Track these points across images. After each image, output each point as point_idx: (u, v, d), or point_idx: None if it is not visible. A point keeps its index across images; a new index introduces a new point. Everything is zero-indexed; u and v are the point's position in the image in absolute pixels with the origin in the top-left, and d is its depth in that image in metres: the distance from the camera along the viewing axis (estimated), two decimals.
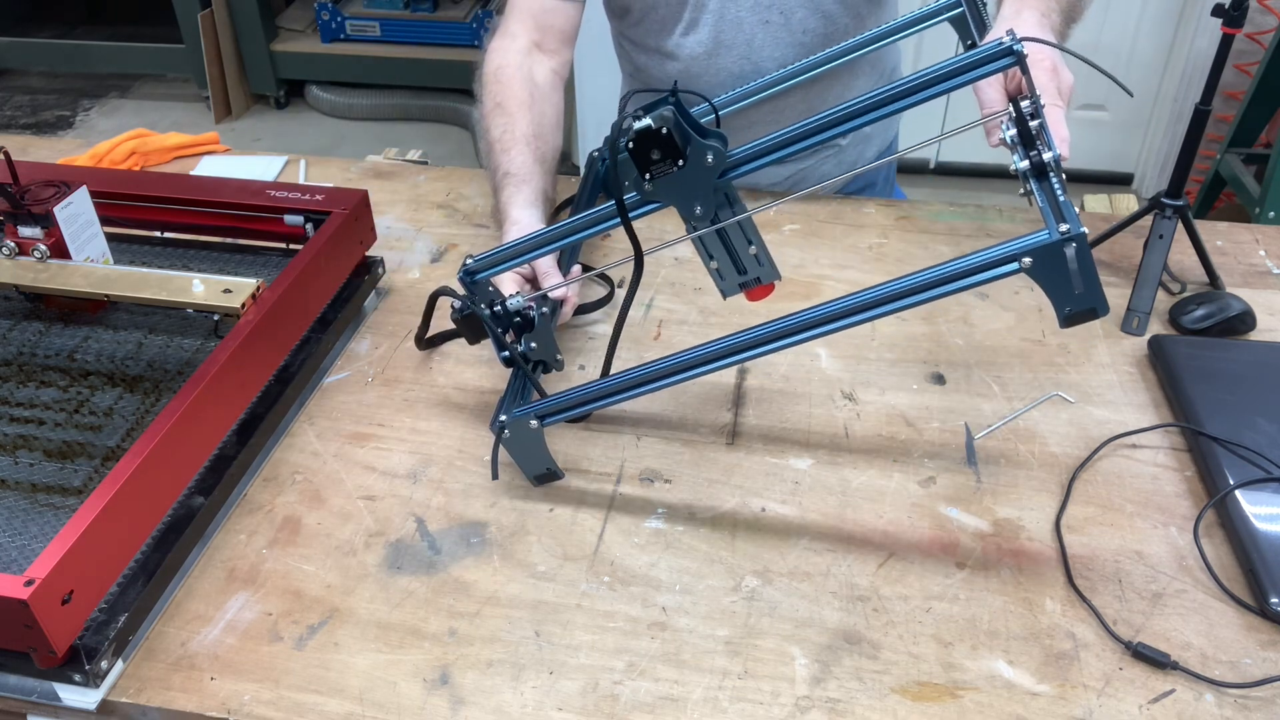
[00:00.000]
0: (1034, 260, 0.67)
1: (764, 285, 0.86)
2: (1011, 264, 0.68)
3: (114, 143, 1.38)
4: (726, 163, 0.78)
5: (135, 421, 0.87)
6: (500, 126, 1.10)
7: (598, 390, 0.82)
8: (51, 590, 0.66)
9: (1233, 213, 2.58)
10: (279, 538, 0.84)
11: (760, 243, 0.84)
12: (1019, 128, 0.73)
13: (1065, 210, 0.67)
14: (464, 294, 0.89)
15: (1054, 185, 0.70)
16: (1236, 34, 1.00)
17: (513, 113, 1.10)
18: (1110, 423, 0.92)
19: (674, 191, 0.79)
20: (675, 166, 0.77)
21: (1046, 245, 0.67)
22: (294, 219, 1.07)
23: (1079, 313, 0.69)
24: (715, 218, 0.81)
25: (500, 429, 0.84)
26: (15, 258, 0.96)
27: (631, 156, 0.77)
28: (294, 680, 0.73)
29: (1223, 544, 0.81)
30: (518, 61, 1.14)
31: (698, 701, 0.71)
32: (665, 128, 0.75)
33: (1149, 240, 1.05)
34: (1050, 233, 0.66)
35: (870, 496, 0.86)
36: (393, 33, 3.50)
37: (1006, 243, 0.68)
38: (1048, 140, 0.72)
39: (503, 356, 0.89)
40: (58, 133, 3.61)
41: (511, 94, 1.11)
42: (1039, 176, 0.72)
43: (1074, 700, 0.70)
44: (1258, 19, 2.53)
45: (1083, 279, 0.67)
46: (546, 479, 0.88)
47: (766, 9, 1.15)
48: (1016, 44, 0.71)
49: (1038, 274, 0.68)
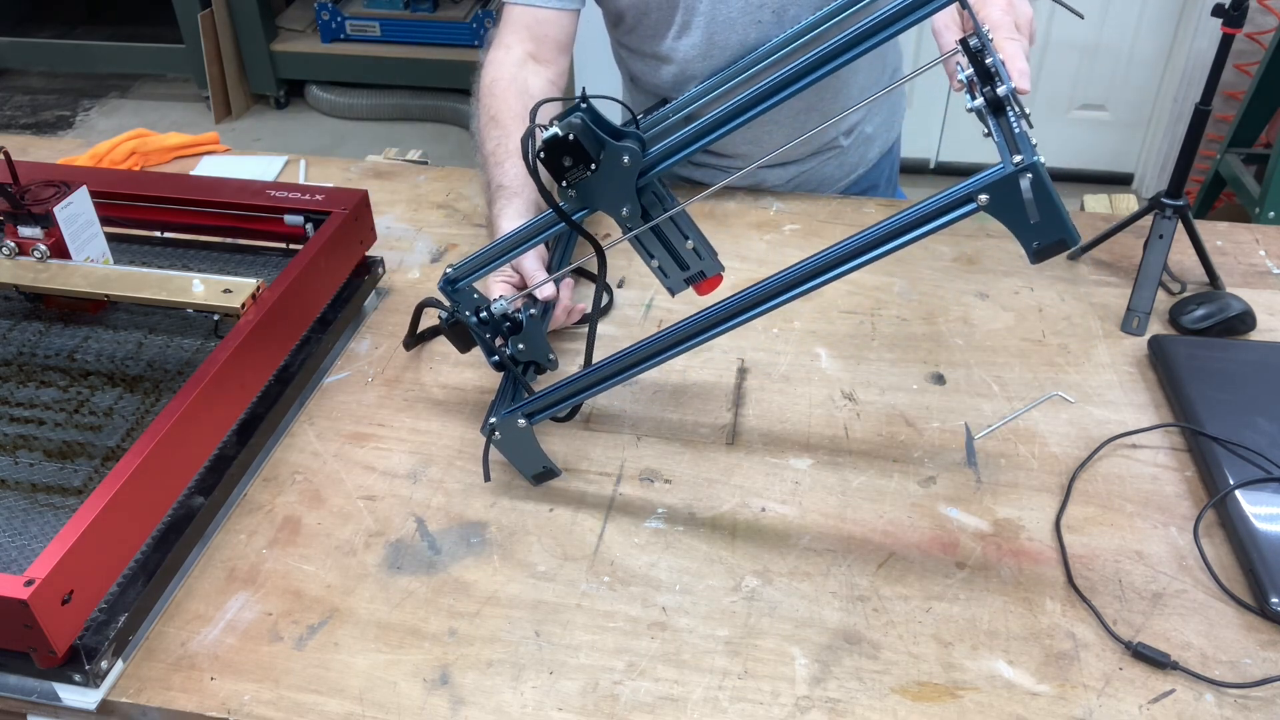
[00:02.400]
0: (990, 196, 0.64)
1: (710, 278, 0.85)
2: (969, 204, 0.65)
3: (114, 143, 1.38)
4: (644, 162, 0.79)
5: (135, 421, 0.87)
6: (494, 140, 1.10)
7: (582, 381, 0.81)
8: (51, 590, 0.66)
9: (1233, 213, 2.58)
10: (279, 538, 0.84)
11: (698, 236, 0.83)
12: (975, 66, 0.71)
13: (1020, 142, 0.64)
14: (450, 304, 0.89)
15: (1010, 119, 0.67)
16: (1236, 34, 1.00)
17: (506, 125, 1.11)
18: (1110, 423, 0.92)
19: (596, 196, 0.80)
20: (588, 171, 0.78)
21: (1002, 178, 0.63)
22: (294, 219, 1.07)
23: (1047, 246, 0.65)
24: (647, 216, 0.81)
25: (490, 431, 0.84)
26: (15, 258, 0.96)
27: (546, 166, 0.78)
28: (294, 680, 0.73)
29: (1223, 544, 0.81)
30: (511, 74, 1.14)
31: (698, 701, 0.71)
32: (571, 134, 0.76)
33: (1149, 240, 1.05)
34: (1004, 165, 0.63)
35: (870, 496, 0.86)
36: (393, 33, 3.50)
37: (962, 183, 0.65)
38: (1002, 76, 0.69)
39: (492, 361, 0.89)
40: (58, 133, 3.61)
41: (505, 107, 1.12)
42: (995, 112, 0.69)
43: (1074, 700, 0.70)
44: (1258, 19, 2.53)
45: (1039, 209, 0.64)
46: (544, 477, 0.88)
47: (757, 8, 1.16)
48: None
49: (997, 210, 0.65)
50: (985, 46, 0.70)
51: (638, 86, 1.31)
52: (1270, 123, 2.48)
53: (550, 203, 0.80)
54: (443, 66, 3.42)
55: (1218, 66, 1.03)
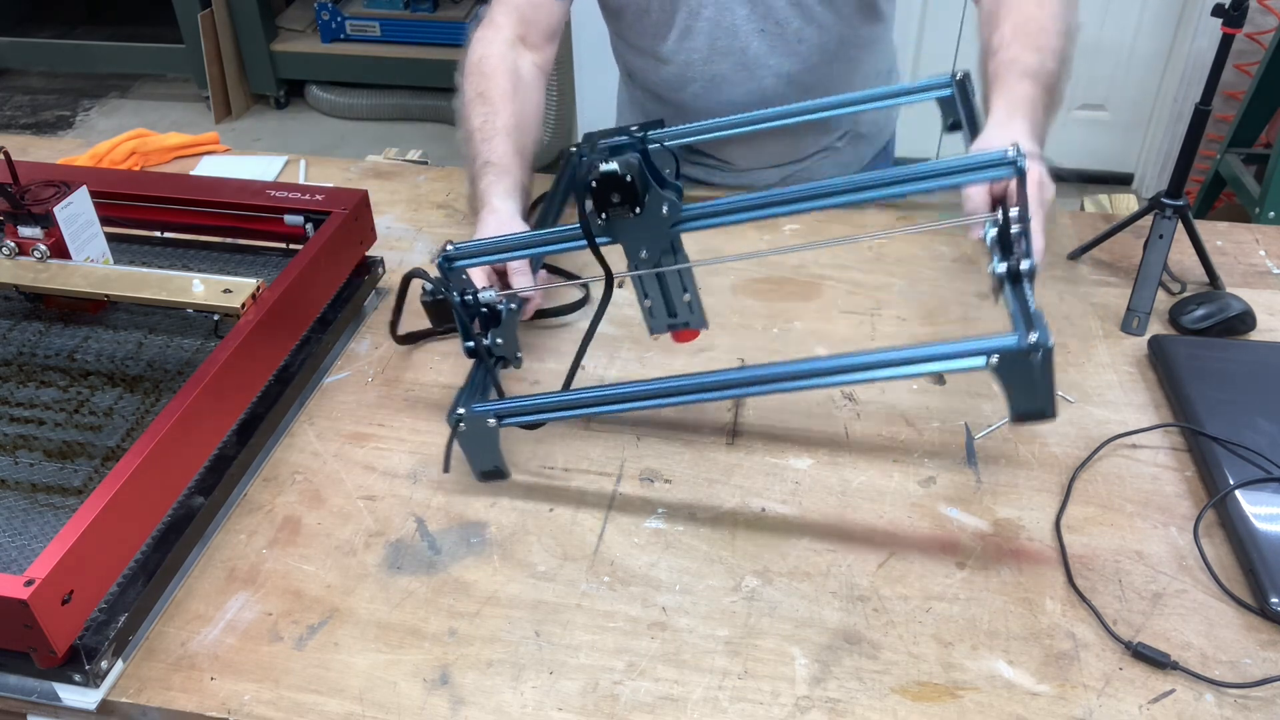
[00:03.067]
0: (1000, 360, 0.71)
1: (691, 330, 0.89)
2: (978, 358, 0.72)
3: (114, 143, 1.38)
4: (679, 216, 0.81)
5: (135, 421, 0.87)
6: (481, 115, 1.09)
7: (557, 402, 0.84)
8: (51, 590, 0.66)
9: (1233, 213, 2.58)
10: (279, 538, 0.84)
11: (695, 292, 0.87)
12: (1001, 234, 0.78)
13: (1036, 320, 0.71)
14: (437, 278, 0.89)
15: (1026, 293, 0.75)
16: (1236, 34, 1.00)
17: (495, 103, 1.10)
18: (1110, 423, 0.92)
19: (626, 233, 0.82)
20: (632, 213, 0.80)
21: (1015, 350, 0.70)
22: (294, 219, 1.07)
23: (1030, 413, 0.73)
24: (658, 262, 0.84)
25: (456, 422, 0.84)
26: (15, 258, 0.96)
27: (591, 195, 0.79)
28: (294, 680, 0.73)
29: (1223, 544, 0.81)
30: (501, 52, 1.13)
31: (698, 701, 0.71)
32: (630, 175, 0.78)
33: (1149, 240, 1.05)
34: (1019, 340, 0.70)
35: (870, 496, 0.86)
36: (393, 33, 3.50)
37: (977, 339, 0.72)
38: (1026, 249, 0.77)
39: (467, 347, 0.89)
40: (58, 133, 3.61)
41: (495, 84, 1.11)
42: (1014, 281, 0.77)
43: (1074, 700, 0.70)
44: (1258, 19, 2.53)
45: (1038, 384, 0.72)
46: (492, 476, 0.88)
47: (762, 18, 1.15)
48: (1020, 159, 0.74)
49: (1001, 373, 0.72)
50: (1025, 223, 0.76)
51: (635, 82, 1.31)
52: (1270, 123, 2.48)
53: (585, 229, 0.81)
54: (443, 66, 3.41)
55: (1218, 66, 1.03)
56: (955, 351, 0.73)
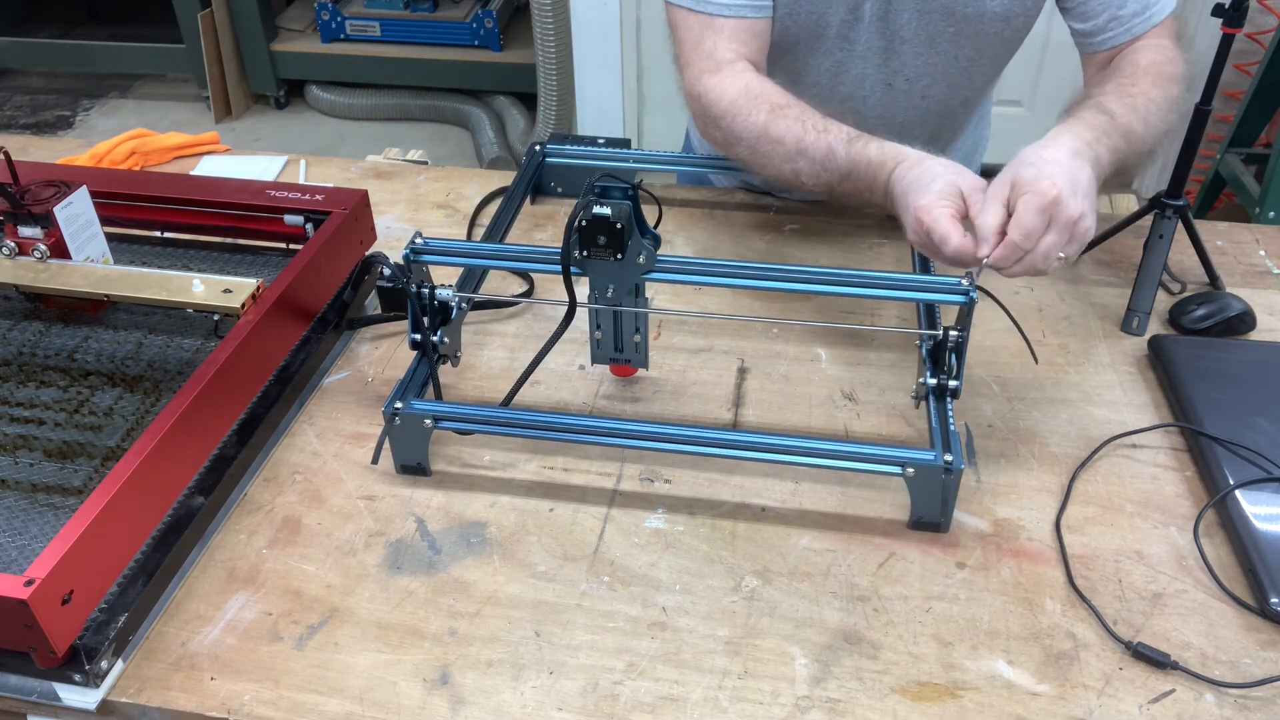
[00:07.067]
0: (915, 472, 0.79)
1: (631, 367, 0.95)
2: (895, 466, 0.80)
3: (114, 143, 1.38)
4: (653, 266, 0.84)
5: (135, 421, 0.87)
6: (793, 118, 1.00)
7: (496, 418, 0.87)
8: (51, 590, 0.66)
9: (1233, 213, 2.58)
10: (279, 538, 0.84)
11: (646, 335, 0.90)
12: (933, 351, 0.84)
13: (953, 442, 0.79)
14: (398, 264, 0.89)
15: (948, 411, 0.82)
16: (1236, 34, 1.00)
17: (798, 107, 1.01)
18: (1110, 423, 0.92)
19: (599, 271, 0.85)
20: (614, 257, 0.82)
21: (930, 466, 0.78)
22: (294, 219, 1.07)
23: (926, 522, 0.82)
24: (620, 301, 0.87)
25: (392, 416, 0.85)
26: (15, 258, 0.96)
27: (578, 232, 0.81)
28: (294, 680, 0.73)
29: (1223, 544, 0.81)
30: (757, 76, 1.05)
31: (698, 701, 0.71)
32: (620, 223, 0.80)
33: (1149, 240, 1.05)
34: (936, 457, 0.78)
35: (870, 496, 0.86)
36: (393, 33, 3.49)
37: (898, 448, 0.80)
38: (957, 370, 0.83)
39: (413, 338, 0.89)
40: (58, 133, 3.61)
41: (782, 97, 1.02)
42: (939, 397, 0.84)
43: (1074, 700, 0.70)
44: (1258, 19, 2.53)
45: (944, 503, 0.80)
46: (413, 471, 0.89)
47: (894, 73, 1.11)
48: (972, 292, 0.80)
49: (912, 482, 0.80)
50: (961, 344, 0.82)
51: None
52: (1270, 123, 2.48)
53: (564, 263, 0.83)
54: (443, 66, 3.42)
55: (1218, 66, 1.03)
56: (875, 455, 0.80)
